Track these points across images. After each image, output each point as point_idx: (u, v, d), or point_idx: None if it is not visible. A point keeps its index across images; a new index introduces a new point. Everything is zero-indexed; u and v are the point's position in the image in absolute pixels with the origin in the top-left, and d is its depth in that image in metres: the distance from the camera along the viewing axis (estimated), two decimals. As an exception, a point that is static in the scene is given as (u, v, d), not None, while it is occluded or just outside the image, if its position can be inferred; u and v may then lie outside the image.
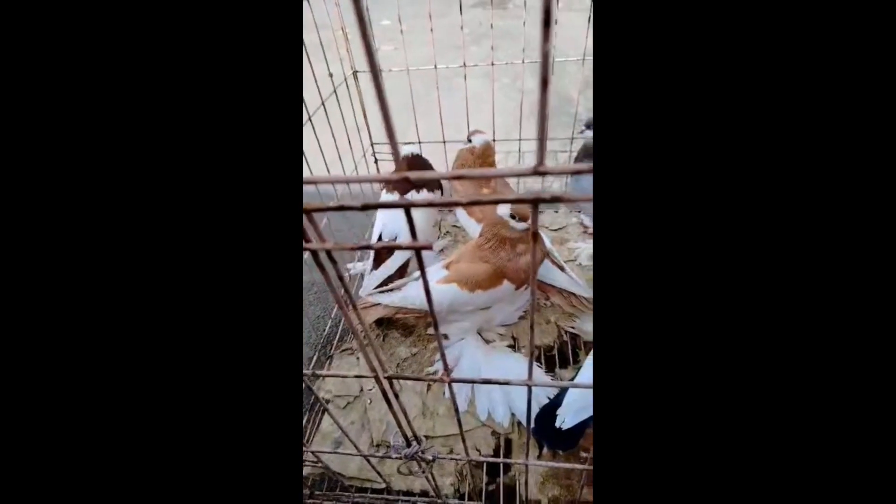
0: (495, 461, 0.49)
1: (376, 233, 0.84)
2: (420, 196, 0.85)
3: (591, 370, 0.62)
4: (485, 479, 0.65)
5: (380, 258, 0.83)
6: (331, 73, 0.82)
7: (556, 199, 0.18)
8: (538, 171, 0.16)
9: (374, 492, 0.64)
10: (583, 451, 0.61)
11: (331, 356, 0.83)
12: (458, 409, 0.36)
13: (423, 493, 0.63)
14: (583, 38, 0.80)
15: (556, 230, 1.06)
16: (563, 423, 0.60)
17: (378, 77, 0.15)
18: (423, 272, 0.21)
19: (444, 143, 1.00)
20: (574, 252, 0.98)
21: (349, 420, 0.72)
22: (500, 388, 0.71)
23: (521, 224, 0.66)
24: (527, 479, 0.62)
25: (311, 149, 0.59)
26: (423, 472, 0.45)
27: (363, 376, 0.31)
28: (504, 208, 0.68)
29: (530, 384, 0.30)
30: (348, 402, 0.75)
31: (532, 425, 0.64)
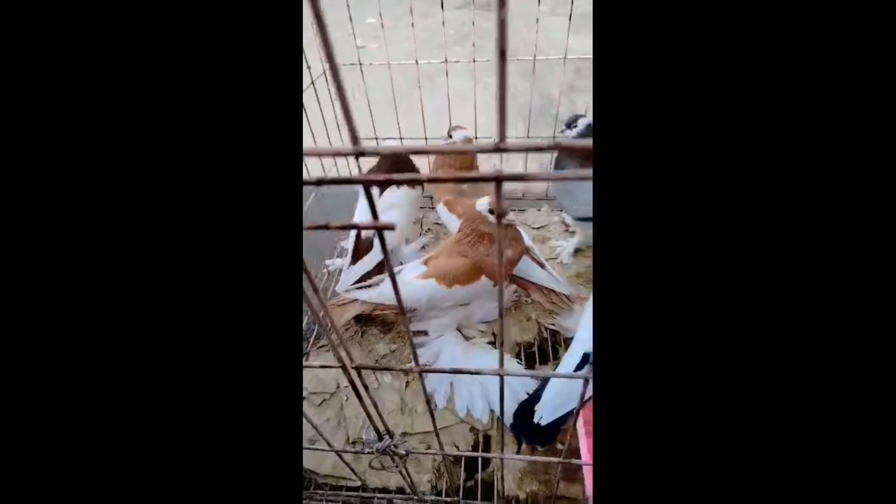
0: (470, 455, 0.49)
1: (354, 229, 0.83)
2: (400, 192, 0.84)
3: (568, 364, 0.63)
4: (462, 475, 0.65)
5: (358, 253, 0.82)
6: (308, 66, 0.80)
7: (517, 177, 0.18)
8: (499, 147, 0.16)
9: (350, 490, 0.63)
10: (559, 444, 0.61)
11: (307, 352, 0.82)
12: (429, 401, 0.35)
13: (400, 490, 0.62)
14: (563, 38, 0.82)
15: (538, 228, 1.07)
16: (541, 418, 0.60)
17: (337, 74, 0.14)
18: (385, 255, 0.21)
19: (425, 139, 0.99)
20: (556, 250, 0.99)
21: (325, 417, 0.71)
22: (479, 383, 0.70)
23: (500, 219, 0.66)
24: (503, 474, 0.62)
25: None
26: (396, 466, 0.44)
27: (328, 366, 0.30)
28: (483, 203, 0.68)
29: (501, 373, 0.29)
30: (324, 399, 0.73)
31: (511, 421, 0.64)
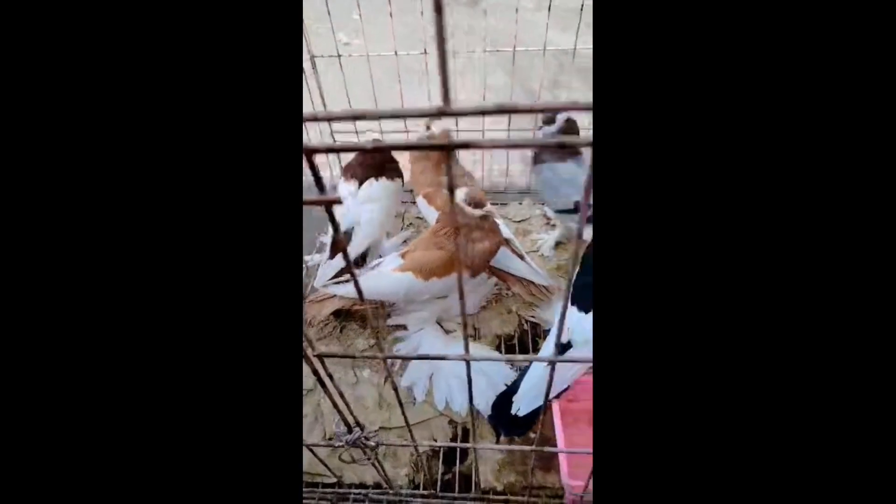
0: (446, 446, 0.48)
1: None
2: (378, 185, 0.83)
3: (545, 352, 0.62)
4: (441, 468, 0.64)
5: (336, 248, 0.81)
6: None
7: (466, 144, 0.17)
8: (443, 111, 0.16)
9: (325, 486, 0.62)
10: (531, 434, 0.61)
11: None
12: (396, 388, 0.35)
13: (377, 486, 0.62)
14: (551, 35, 0.86)
15: (519, 221, 1.06)
16: (518, 409, 0.60)
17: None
18: (335, 230, 0.20)
19: (406, 132, 0.98)
20: (537, 243, 0.99)
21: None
22: (458, 376, 0.70)
23: (476, 210, 0.66)
24: (477, 465, 0.61)
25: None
26: (368, 459, 0.44)
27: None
28: (460, 195, 0.67)
29: (467, 358, 0.29)
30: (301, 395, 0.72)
31: (489, 412, 0.63)
